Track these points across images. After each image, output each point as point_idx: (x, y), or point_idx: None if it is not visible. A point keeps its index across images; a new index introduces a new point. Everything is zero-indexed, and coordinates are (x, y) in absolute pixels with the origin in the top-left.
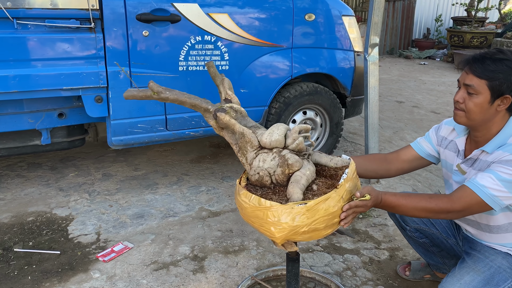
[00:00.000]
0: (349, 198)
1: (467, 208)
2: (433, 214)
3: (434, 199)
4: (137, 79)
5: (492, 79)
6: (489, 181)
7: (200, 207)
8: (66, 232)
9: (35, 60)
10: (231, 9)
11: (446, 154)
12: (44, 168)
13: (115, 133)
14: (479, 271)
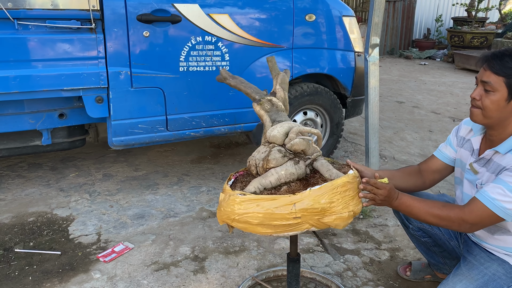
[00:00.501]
0: (312, 212)
1: (479, 222)
2: (445, 223)
3: (447, 208)
4: (138, 80)
5: (510, 76)
6: (500, 193)
7: (201, 208)
8: (67, 232)
9: (36, 60)
10: (231, 9)
11: (461, 153)
12: (44, 168)
13: (115, 134)
14: (473, 279)
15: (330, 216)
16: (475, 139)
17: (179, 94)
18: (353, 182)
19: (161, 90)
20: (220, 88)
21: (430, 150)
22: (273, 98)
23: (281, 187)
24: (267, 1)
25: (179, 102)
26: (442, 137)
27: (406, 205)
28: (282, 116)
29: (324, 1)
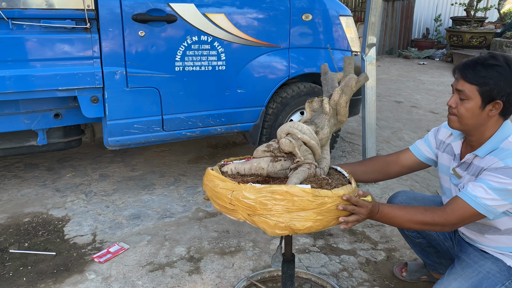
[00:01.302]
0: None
1: (461, 220)
2: (429, 227)
3: (429, 212)
4: (134, 79)
5: (482, 85)
6: (481, 191)
7: (197, 208)
8: (62, 233)
9: (31, 60)
10: (227, 9)
11: (443, 158)
12: (41, 168)
13: (111, 134)
14: (467, 277)
15: (259, 217)
16: (455, 144)
17: (175, 94)
18: (302, 197)
19: (157, 90)
20: (217, 87)
21: None
22: (325, 99)
23: (249, 176)
24: (263, 0)
25: (175, 102)
26: None
27: (388, 216)
28: (322, 119)
29: (321, 0)
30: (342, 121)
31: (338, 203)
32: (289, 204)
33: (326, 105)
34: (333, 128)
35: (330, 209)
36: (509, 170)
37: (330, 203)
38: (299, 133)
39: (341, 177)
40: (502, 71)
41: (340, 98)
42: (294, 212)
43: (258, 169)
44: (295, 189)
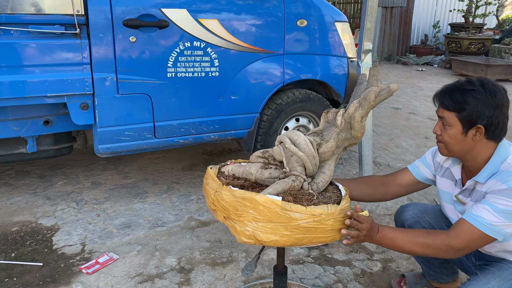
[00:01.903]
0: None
1: (467, 245)
2: (432, 251)
3: (432, 234)
4: (125, 86)
5: (460, 110)
6: (486, 213)
7: (189, 217)
8: (51, 242)
9: (18, 66)
10: (220, 15)
11: (443, 183)
12: (32, 176)
13: (101, 141)
14: (505, 278)
15: (230, 221)
16: (455, 169)
17: (167, 101)
18: (270, 208)
19: (149, 97)
20: (210, 94)
21: None
22: (341, 111)
23: (241, 180)
24: (257, 6)
25: (167, 109)
26: None
27: (388, 238)
28: (330, 132)
29: (316, 6)
30: (356, 137)
31: (311, 221)
32: (256, 213)
33: (339, 117)
34: (344, 143)
35: (300, 226)
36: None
37: (301, 219)
38: (287, 143)
39: (339, 196)
40: (478, 95)
41: (356, 111)
42: (260, 222)
43: (247, 174)
44: (264, 199)
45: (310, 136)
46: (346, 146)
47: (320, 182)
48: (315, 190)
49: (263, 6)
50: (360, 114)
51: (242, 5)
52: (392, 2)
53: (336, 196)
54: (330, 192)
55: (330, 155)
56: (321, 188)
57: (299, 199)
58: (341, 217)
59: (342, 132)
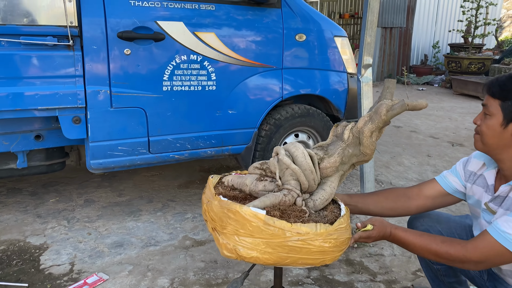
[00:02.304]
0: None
1: (485, 258)
2: (445, 261)
3: (447, 244)
4: (118, 99)
5: (505, 99)
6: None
7: (184, 236)
8: (38, 262)
9: (8, 78)
10: (218, 28)
11: (474, 190)
12: (24, 193)
13: (93, 156)
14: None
15: (216, 233)
16: (488, 173)
17: (162, 115)
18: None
19: (143, 110)
20: (206, 108)
21: (428, 175)
22: (350, 125)
23: (238, 191)
24: (255, 20)
25: (162, 123)
26: (441, 162)
27: (401, 241)
28: (336, 147)
29: (315, 20)
30: (365, 154)
31: (296, 240)
32: (238, 226)
33: (346, 131)
34: (351, 159)
35: (283, 244)
36: None
37: (285, 237)
38: (281, 154)
39: (337, 216)
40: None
41: (365, 126)
42: (242, 236)
43: (243, 185)
44: (247, 211)
45: (315, 149)
46: (355, 163)
47: (318, 199)
48: (311, 207)
49: (261, 20)
50: (370, 129)
51: (239, 19)
52: (392, 23)
53: (334, 216)
54: (329, 211)
55: (333, 171)
56: (318, 206)
57: (288, 215)
58: (332, 238)
59: (349, 147)
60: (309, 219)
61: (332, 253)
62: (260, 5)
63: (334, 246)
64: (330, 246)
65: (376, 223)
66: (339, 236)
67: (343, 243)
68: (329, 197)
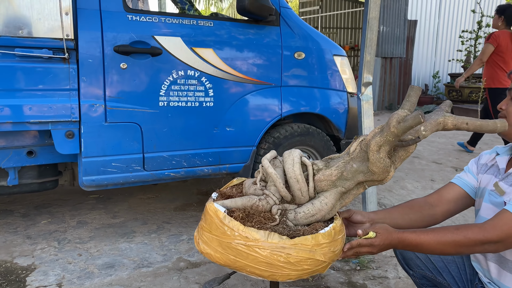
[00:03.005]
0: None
1: (506, 236)
2: (465, 248)
3: (462, 230)
4: (113, 114)
5: None
6: None
7: (179, 257)
8: (24, 283)
9: (1, 90)
10: (216, 44)
11: (483, 180)
12: (15, 215)
13: (86, 172)
14: None
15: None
16: (501, 158)
17: (158, 131)
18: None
19: (138, 126)
20: (204, 125)
21: None
22: (361, 138)
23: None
24: (253, 37)
25: (158, 139)
26: None
27: (413, 244)
28: (339, 159)
29: (314, 39)
30: (373, 172)
31: (242, 244)
32: (203, 221)
33: (355, 143)
34: (355, 176)
35: (232, 245)
36: None
37: (233, 238)
38: (265, 158)
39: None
40: None
41: (373, 138)
42: (204, 231)
43: (243, 187)
44: (211, 207)
45: (320, 160)
46: (364, 182)
47: (301, 212)
48: (290, 219)
49: (259, 37)
50: (377, 143)
51: (238, 36)
52: (392, 53)
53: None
54: (312, 228)
55: (327, 185)
56: (299, 220)
57: (252, 218)
58: (285, 253)
59: (354, 161)
60: (275, 228)
61: (283, 269)
62: (259, 23)
63: (287, 263)
64: (281, 261)
65: (380, 231)
66: (296, 254)
67: (302, 263)
68: (316, 212)
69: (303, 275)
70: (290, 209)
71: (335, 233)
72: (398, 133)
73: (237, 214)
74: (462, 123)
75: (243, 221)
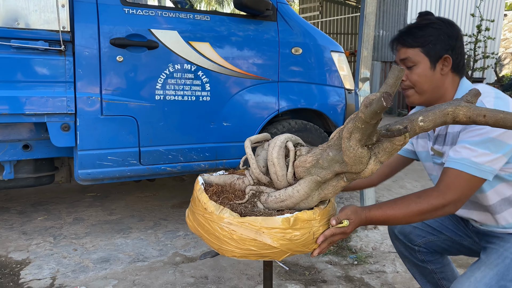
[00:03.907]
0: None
1: (461, 193)
2: (429, 215)
3: (423, 197)
4: (109, 107)
5: (424, 44)
6: (465, 151)
7: (174, 252)
8: (18, 276)
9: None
10: (213, 38)
11: (420, 144)
12: (12, 212)
13: (82, 166)
14: (492, 264)
15: None
16: None
17: (155, 125)
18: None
19: (134, 119)
20: (200, 119)
21: None
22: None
23: None
24: (251, 31)
25: (154, 133)
26: None
27: (380, 220)
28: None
29: (311, 35)
30: (347, 163)
31: (201, 215)
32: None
33: (334, 131)
34: (332, 166)
35: (196, 216)
36: None
37: (197, 210)
38: (248, 140)
39: None
40: (437, 26)
41: (346, 124)
42: (190, 202)
43: None
44: (197, 180)
45: (305, 148)
46: (342, 174)
47: (272, 196)
48: (262, 202)
49: (257, 32)
50: (348, 129)
51: (235, 30)
52: (391, 57)
53: None
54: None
55: (302, 172)
56: (269, 204)
57: (223, 194)
58: (231, 230)
59: (330, 149)
60: (238, 206)
61: (228, 245)
62: (256, 18)
63: (230, 239)
64: (226, 237)
65: (352, 216)
66: (241, 232)
67: (247, 243)
68: (286, 198)
69: (249, 256)
70: (266, 192)
71: (296, 221)
72: (366, 119)
73: (213, 188)
74: (479, 115)
75: (213, 195)
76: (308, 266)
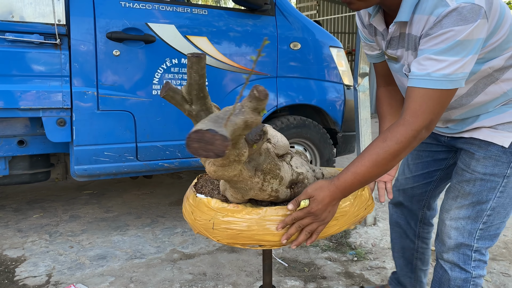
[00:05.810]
0: None
1: (432, 114)
2: (404, 153)
3: (390, 137)
4: (106, 102)
5: None
6: (431, 63)
7: (172, 249)
8: (13, 274)
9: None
10: (210, 33)
11: (379, 43)
12: (7, 209)
13: (78, 161)
14: (465, 193)
15: None
16: (375, 20)
17: (152, 120)
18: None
19: (131, 114)
20: None
21: None
22: None
23: None
24: (249, 26)
25: (152, 129)
26: None
27: (355, 184)
28: None
29: (310, 30)
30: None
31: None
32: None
33: None
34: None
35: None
36: (445, 19)
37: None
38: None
39: None
40: None
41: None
42: None
43: None
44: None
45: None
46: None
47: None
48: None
49: (255, 26)
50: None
51: (233, 25)
52: None
53: None
54: None
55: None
56: None
57: None
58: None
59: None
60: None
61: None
62: (254, 12)
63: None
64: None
65: (313, 193)
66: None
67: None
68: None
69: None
70: None
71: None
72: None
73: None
74: None
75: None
76: (308, 263)
